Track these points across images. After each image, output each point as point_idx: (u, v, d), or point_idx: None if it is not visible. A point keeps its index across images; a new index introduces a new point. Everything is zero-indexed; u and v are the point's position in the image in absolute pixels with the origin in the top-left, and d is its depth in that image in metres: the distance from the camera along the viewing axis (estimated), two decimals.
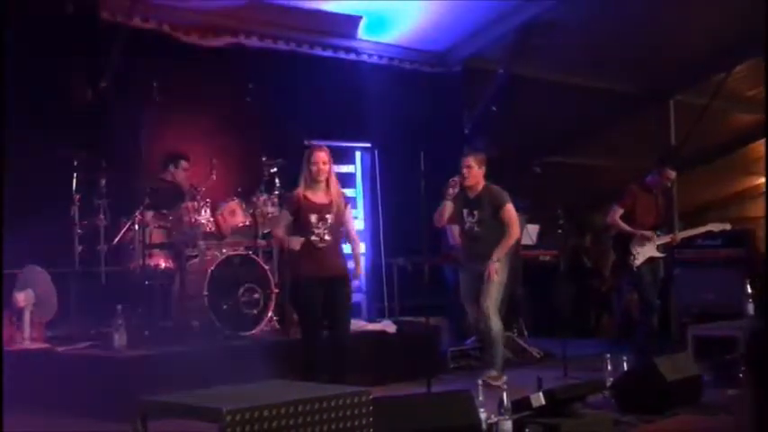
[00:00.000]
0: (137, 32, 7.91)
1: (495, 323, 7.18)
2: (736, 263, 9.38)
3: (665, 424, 5.34)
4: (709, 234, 8.49)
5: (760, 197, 17.14)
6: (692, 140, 12.08)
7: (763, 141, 14.79)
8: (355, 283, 8.94)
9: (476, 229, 7.26)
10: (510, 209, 7.29)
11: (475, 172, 7.25)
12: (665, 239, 8.08)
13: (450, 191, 7.16)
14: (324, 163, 6.13)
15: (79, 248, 7.13)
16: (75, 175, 7.12)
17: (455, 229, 8.44)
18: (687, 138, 11.91)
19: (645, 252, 7.91)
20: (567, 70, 10.70)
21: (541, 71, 10.56)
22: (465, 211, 7.27)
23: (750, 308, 7.22)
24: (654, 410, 5.62)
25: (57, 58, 7.48)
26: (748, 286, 7.30)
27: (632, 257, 7.88)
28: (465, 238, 7.36)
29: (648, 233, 7.91)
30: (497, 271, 7.10)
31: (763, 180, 16.81)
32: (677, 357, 6.49)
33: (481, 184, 7.30)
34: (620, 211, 7.97)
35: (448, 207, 7.21)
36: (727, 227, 8.21)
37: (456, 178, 7.19)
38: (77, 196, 7.12)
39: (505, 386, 5.52)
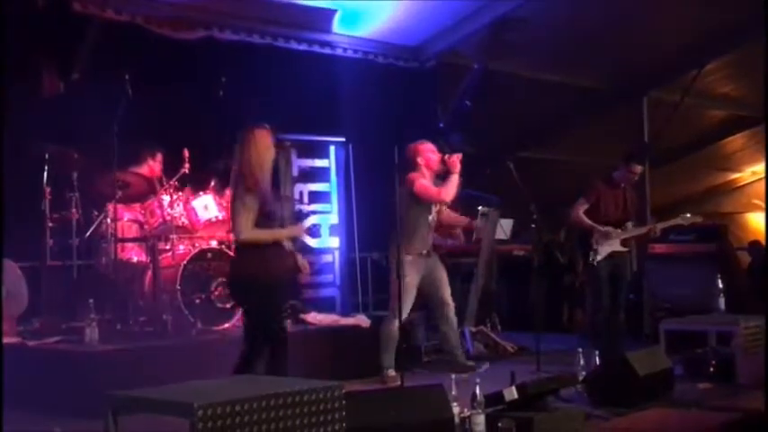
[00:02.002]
0: (109, 24, 7.84)
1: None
2: (708, 258, 9.44)
3: (637, 417, 5.37)
4: (680, 226, 8.53)
5: (732, 193, 17.30)
6: (665, 137, 12.17)
7: (734, 138, 14.96)
8: (329, 278, 8.99)
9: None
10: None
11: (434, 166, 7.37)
12: (641, 231, 8.12)
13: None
14: None
15: (50, 242, 7.08)
16: (46, 168, 7.06)
17: None
18: (660, 134, 11.99)
19: (606, 248, 7.93)
20: (540, 66, 10.74)
21: (515, 67, 10.59)
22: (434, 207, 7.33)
23: (721, 302, 7.27)
24: (626, 404, 5.66)
25: (28, 50, 7.40)
26: (720, 281, 7.35)
27: (593, 253, 7.89)
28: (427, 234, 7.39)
29: (607, 229, 7.91)
30: None
31: (734, 176, 16.98)
32: (649, 351, 6.54)
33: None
34: (584, 207, 7.99)
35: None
36: (698, 219, 8.26)
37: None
38: (48, 189, 7.07)
39: None
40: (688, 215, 8.17)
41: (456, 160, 7.13)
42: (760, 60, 11.41)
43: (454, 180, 7.15)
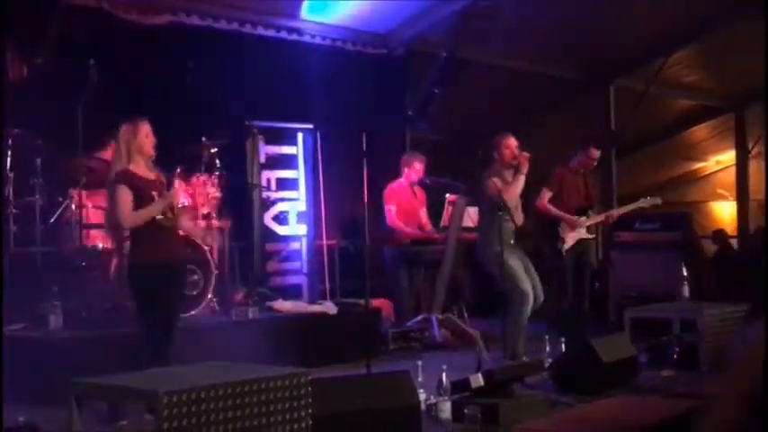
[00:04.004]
0: (75, 9, 7.75)
1: None
2: (672, 246, 9.51)
3: (602, 404, 5.41)
4: (645, 214, 8.59)
5: (696, 182, 17.45)
6: (631, 126, 12.24)
7: (699, 127, 15.09)
8: (296, 265, 8.97)
9: None
10: None
11: None
12: (599, 218, 8.18)
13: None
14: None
15: (14, 228, 7.00)
16: (9, 153, 6.98)
17: (393, 209, 8.48)
18: (626, 123, 12.07)
19: (574, 236, 7.99)
20: (509, 54, 10.76)
21: (484, 55, 10.60)
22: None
23: (685, 290, 7.34)
24: (591, 391, 5.71)
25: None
26: (684, 269, 7.42)
27: (560, 241, 7.94)
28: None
29: (573, 219, 7.97)
30: None
31: (699, 165, 17.12)
32: (614, 339, 6.59)
33: None
34: (548, 195, 8.05)
35: None
36: (658, 201, 8.33)
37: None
38: (12, 175, 6.98)
39: None
40: (648, 198, 8.23)
41: (525, 159, 7.17)
42: (726, 50, 11.56)
43: (520, 180, 7.29)
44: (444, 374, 5.17)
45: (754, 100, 13.56)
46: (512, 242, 7.33)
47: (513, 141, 7.39)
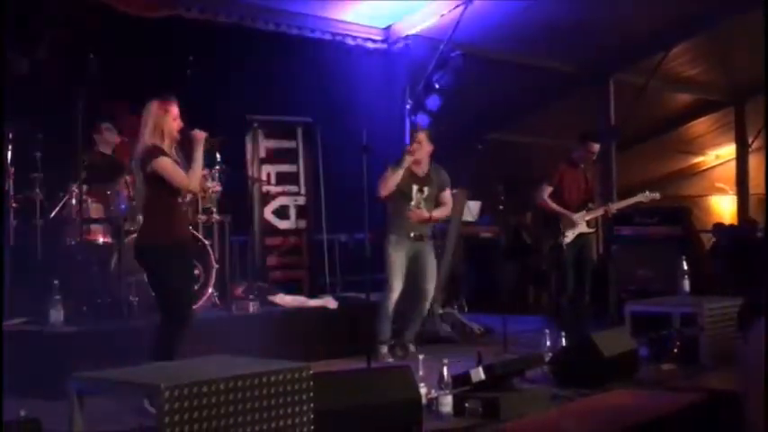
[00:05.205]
0: (75, 3, 7.75)
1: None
2: (672, 240, 9.53)
3: (602, 398, 5.43)
4: (645, 209, 8.57)
5: (695, 176, 17.46)
6: (631, 120, 12.23)
7: (698, 121, 15.09)
8: (296, 260, 8.97)
9: (422, 206, 7.26)
10: (450, 191, 7.39)
11: (425, 148, 7.28)
12: (598, 212, 8.19)
13: (408, 158, 7.15)
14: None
15: (14, 223, 7.00)
16: (9, 147, 6.97)
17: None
18: (626, 117, 12.06)
19: (575, 230, 7.99)
20: (509, 48, 10.74)
21: (484, 49, 10.58)
22: (415, 188, 7.27)
23: (685, 284, 7.34)
24: (591, 385, 5.71)
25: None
26: (684, 263, 7.42)
27: (562, 236, 7.94)
28: (406, 213, 7.31)
29: (572, 215, 7.96)
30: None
31: (698, 159, 17.13)
32: (614, 333, 6.60)
33: (428, 161, 7.32)
34: (549, 190, 8.04)
35: (398, 175, 7.18)
36: (657, 196, 8.32)
37: (411, 147, 7.19)
38: (12, 169, 6.98)
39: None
40: (647, 192, 8.24)
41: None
42: (726, 44, 11.56)
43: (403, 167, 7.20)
44: (445, 368, 5.17)
45: (754, 94, 13.55)
46: (412, 235, 7.28)
47: (422, 136, 7.36)
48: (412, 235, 7.26)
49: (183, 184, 5.38)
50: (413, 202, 7.26)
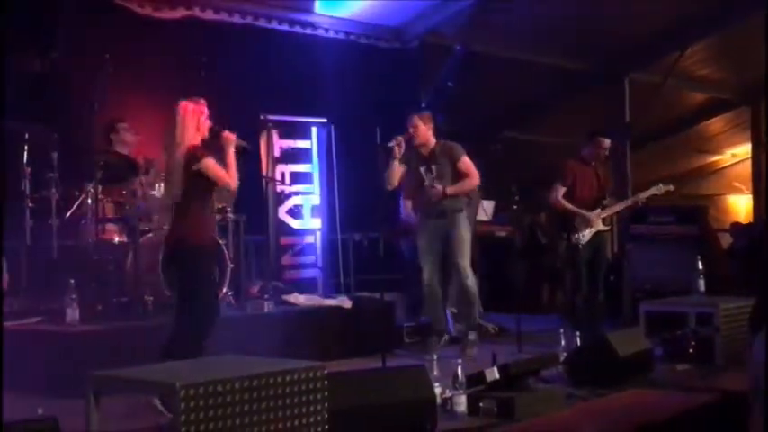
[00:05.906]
0: (90, 3, 7.78)
1: (472, 281, 7.36)
2: (688, 240, 9.48)
3: (617, 397, 5.41)
4: (660, 208, 8.52)
5: (711, 175, 17.40)
6: (646, 119, 12.21)
7: (714, 120, 15.03)
8: (311, 259, 8.97)
9: (435, 184, 7.28)
10: (466, 160, 7.38)
11: (422, 129, 7.31)
12: (617, 207, 8.15)
13: (396, 150, 7.16)
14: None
15: (30, 222, 7.03)
16: (26, 148, 7.01)
17: (408, 203, 8.46)
18: (641, 116, 12.03)
19: (592, 229, 7.94)
20: (523, 47, 10.73)
21: (498, 48, 10.58)
22: (422, 169, 7.29)
23: (701, 284, 7.31)
24: (606, 384, 5.69)
25: (6, 28, 7.32)
26: (699, 263, 7.39)
27: (578, 236, 7.89)
28: (425, 196, 7.34)
29: (588, 214, 7.92)
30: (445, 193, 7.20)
31: (714, 158, 17.07)
32: (629, 332, 6.58)
33: (432, 140, 7.36)
34: (562, 190, 7.98)
35: (397, 168, 7.20)
36: (671, 188, 8.29)
37: (399, 137, 7.20)
38: (28, 170, 7.01)
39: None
40: (660, 185, 8.21)
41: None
42: (742, 43, 11.50)
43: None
44: (459, 368, 5.17)
45: None
46: (432, 214, 7.35)
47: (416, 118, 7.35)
48: (433, 214, 7.27)
49: (228, 184, 5.42)
50: (426, 183, 7.27)
